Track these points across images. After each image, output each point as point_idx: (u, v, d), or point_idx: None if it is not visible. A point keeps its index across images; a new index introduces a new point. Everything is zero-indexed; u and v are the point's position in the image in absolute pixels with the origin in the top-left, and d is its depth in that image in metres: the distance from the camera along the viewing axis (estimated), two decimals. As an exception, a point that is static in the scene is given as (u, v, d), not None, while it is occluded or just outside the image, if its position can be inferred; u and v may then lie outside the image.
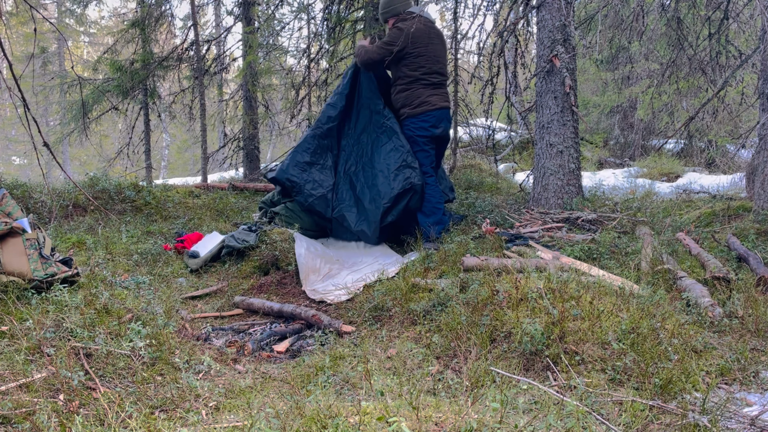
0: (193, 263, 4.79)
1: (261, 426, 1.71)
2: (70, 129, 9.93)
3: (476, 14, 7.79)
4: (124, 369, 2.33)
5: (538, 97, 6.02)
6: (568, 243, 4.50)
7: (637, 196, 7.59)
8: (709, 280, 3.66)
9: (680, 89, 10.00)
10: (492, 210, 5.86)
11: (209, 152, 9.19)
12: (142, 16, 9.29)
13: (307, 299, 4.26)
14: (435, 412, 2.03)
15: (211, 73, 10.01)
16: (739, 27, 8.39)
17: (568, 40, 5.81)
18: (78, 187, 4.75)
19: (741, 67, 6.71)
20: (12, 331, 2.40)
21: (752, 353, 2.74)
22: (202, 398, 2.15)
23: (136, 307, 2.96)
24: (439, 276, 4.02)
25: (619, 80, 13.86)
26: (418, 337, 3.21)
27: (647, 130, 14.58)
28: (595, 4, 10.94)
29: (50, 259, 3.16)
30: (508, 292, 3.06)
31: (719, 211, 5.92)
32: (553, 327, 2.68)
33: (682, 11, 8.00)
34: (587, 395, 2.16)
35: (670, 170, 11.18)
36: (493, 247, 4.44)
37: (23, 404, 1.88)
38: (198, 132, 10.14)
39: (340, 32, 8.80)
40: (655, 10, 8.21)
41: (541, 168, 5.89)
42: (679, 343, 2.62)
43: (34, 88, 12.87)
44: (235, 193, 7.50)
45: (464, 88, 9.81)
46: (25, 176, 15.26)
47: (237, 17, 10.08)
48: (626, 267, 3.88)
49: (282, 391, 2.26)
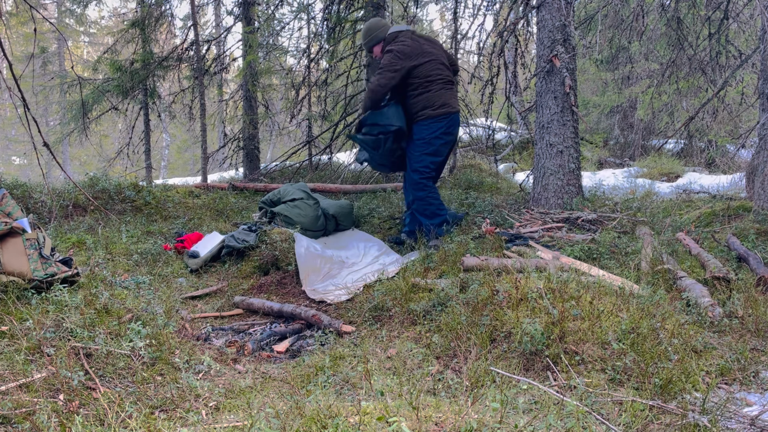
0: (192, 263, 4.79)
1: (261, 426, 1.71)
2: (70, 129, 9.93)
3: (476, 14, 7.80)
4: (124, 369, 2.33)
5: (538, 97, 6.02)
6: (568, 243, 4.50)
7: (637, 196, 7.59)
8: (709, 280, 3.66)
9: (680, 89, 10.00)
10: (492, 210, 5.86)
11: (209, 152, 9.18)
12: (142, 16, 9.29)
13: (307, 299, 4.26)
14: (435, 412, 2.03)
15: (211, 73, 10.01)
16: (739, 27, 8.39)
17: (568, 40, 5.81)
18: (78, 187, 4.75)
19: (741, 67, 6.71)
20: (12, 331, 2.40)
21: (752, 353, 2.74)
22: (202, 398, 2.15)
23: (136, 307, 2.95)
24: (439, 276, 4.02)
25: (619, 80, 13.86)
26: (418, 337, 3.21)
27: (647, 130, 14.58)
28: (595, 4, 10.93)
29: (50, 259, 3.16)
30: (508, 292, 3.06)
31: (719, 211, 5.92)
32: (553, 327, 2.68)
33: (682, 11, 8.00)
34: (587, 395, 2.16)
35: (670, 170, 11.18)
36: (493, 247, 4.44)
37: (23, 404, 1.88)
38: (198, 132, 10.14)
39: (340, 32, 8.80)
40: (655, 10, 8.21)
41: (541, 168, 5.89)
42: (679, 343, 2.62)
43: (34, 88, 12.87)
44: (235, 193, 7.50)
45: (464, 88, 9.81)
46: (25, 176, 15.26)
47: (237, 17, 10.08)
48: (626, 267, 3.88)
49: (282, 391, 2.26)
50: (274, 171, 9.25)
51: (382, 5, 8.31)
